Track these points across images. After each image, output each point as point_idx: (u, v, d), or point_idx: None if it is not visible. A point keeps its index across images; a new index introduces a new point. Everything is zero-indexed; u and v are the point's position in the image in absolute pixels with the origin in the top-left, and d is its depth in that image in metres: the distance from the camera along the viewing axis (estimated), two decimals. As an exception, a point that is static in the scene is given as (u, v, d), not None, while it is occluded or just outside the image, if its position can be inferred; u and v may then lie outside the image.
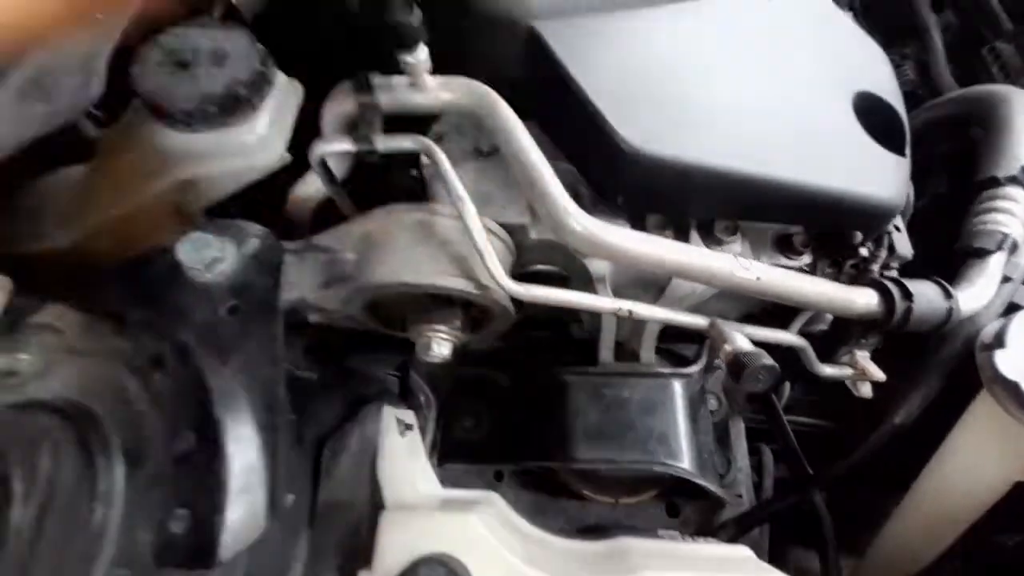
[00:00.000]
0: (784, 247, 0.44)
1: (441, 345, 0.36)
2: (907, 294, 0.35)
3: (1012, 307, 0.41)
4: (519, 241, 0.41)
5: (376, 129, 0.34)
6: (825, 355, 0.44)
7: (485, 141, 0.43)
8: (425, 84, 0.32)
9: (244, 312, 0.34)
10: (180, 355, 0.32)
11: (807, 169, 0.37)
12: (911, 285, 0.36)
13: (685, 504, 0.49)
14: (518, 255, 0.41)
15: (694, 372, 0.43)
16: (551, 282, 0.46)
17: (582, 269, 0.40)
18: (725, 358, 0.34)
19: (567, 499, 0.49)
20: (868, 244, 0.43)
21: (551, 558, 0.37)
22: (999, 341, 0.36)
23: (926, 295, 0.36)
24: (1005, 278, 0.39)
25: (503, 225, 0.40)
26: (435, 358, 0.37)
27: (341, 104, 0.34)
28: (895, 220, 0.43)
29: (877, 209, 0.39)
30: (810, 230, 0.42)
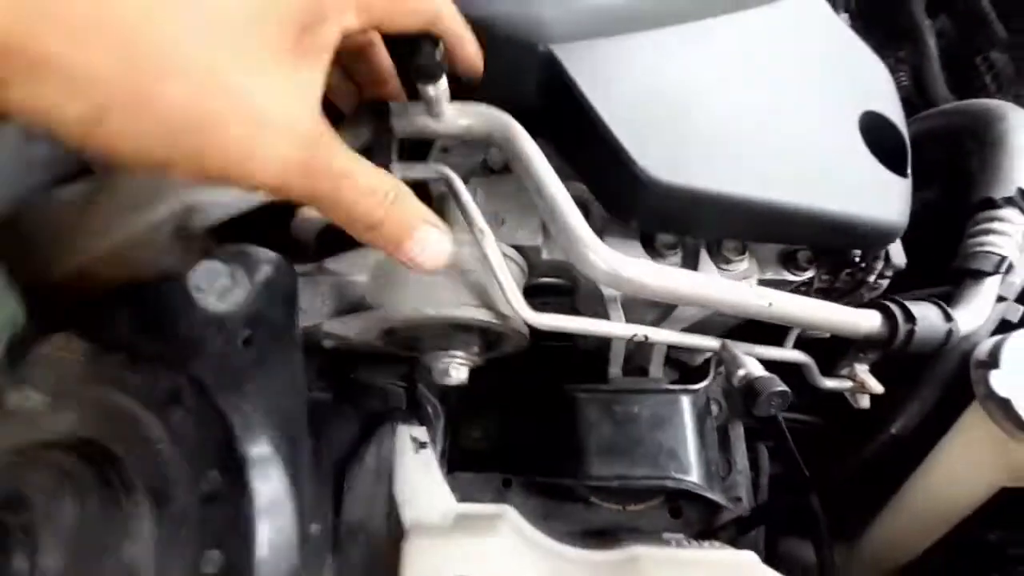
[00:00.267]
0: (789, 263, 0.45)
1: (459, 370, 0.37)
2: (910, 317, 0.37)
3: (1004, 323, 0.43)
4: (531, 261, 0.41)
5: (392, 155, 0.33)
6: (825, 368, 0.46)
7: (493, 156, 0.42)
8: (443, 112, 0.31)
9: (260, 342, 0.34)
10: (198, 390, 0.31)
11: (814, 194, 0.37)
12: (914, 308, 0.37)
13: (687, 506, 0.51)
14: (528, 272, 0.42)
15: (701, 388, 0.45)
16: (558, 292, 0.46)
17: (594, 289, 0.41)
18: (738, 383, 0.35)
19: (573, 503, 0.51)
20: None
21: (567, 571, 0.38)
22: (993, 361, 0.38)
23: (928, 318, 0.37)
24: (1000, 297, 0.41)
25: (516, 247, 0.40)
26: (453, 382, 0.37)
27: (357, 130, 0.33)
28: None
29: (881, 231, 0.40)
30: (815, 249, 0.43)
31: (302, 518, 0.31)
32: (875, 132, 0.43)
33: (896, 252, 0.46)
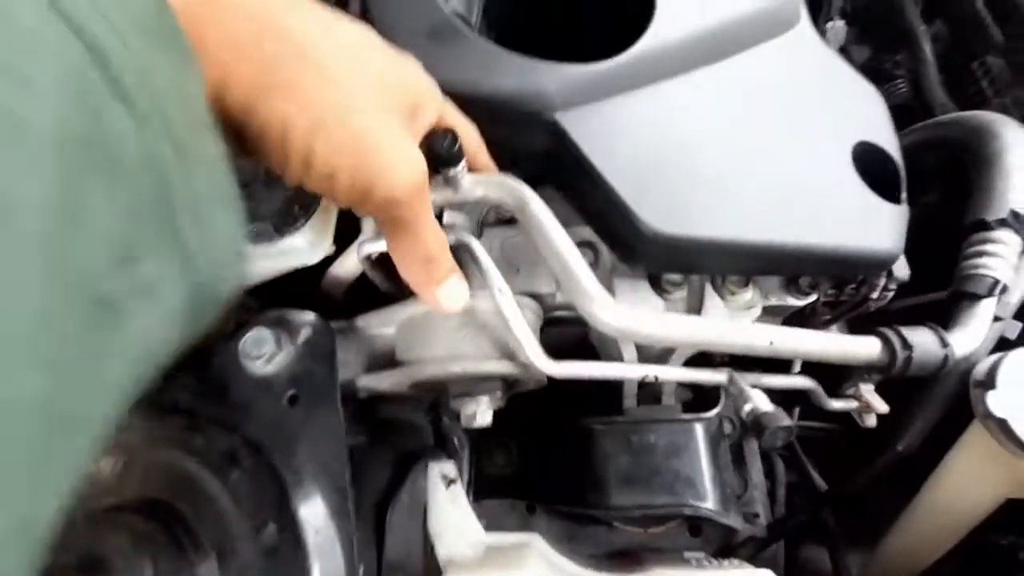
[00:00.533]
0: (792, 289, 0.47)
1: (484, 414, 0.40)
2: (907, 344, 0.39)
3: (1003, 340, 0.44)
4: (546, 304, 0.44)
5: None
6: (833, 386, 0.48)
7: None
8: (461, 184, 0.34)
9: (305, 400, 0.37)
10: (253, 451, 0.35)
11: (810, 230, 0.39)
12: (910, 335, 0.39)
13: (706, 525, 0.54)
14: (545, 312, 0.44)
15: (714, 415, 0.47)
16: (576, 321, 0.49)
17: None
18: (746, 417, 0.37)
19: (596, 526, 0.54)
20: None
21: (594, 598, 0.41)
22: (990, 381, 0.40)
23: (924, 344, 0.39)
24: (996, 317, 0.43)
25: (531, 294, 0.42)
26: (479, 425, 0.40)
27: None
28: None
29: (876, 260, 0.42)
30: (816, 277, 0.45)
31: (351, 562, 0.34)
32: (868, 161, 0.45)
33: (899, 266, 0.47)
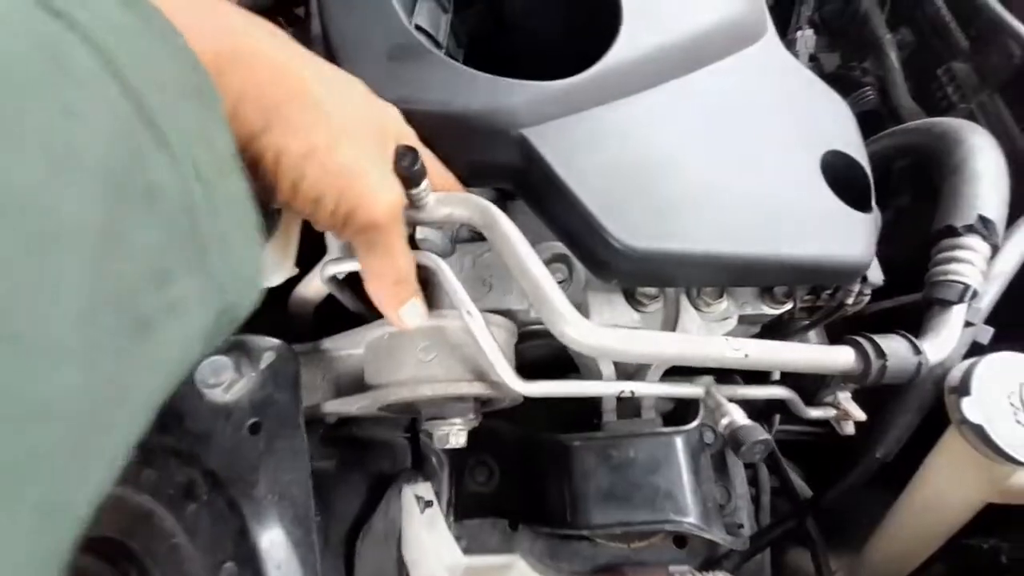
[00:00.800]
0: (767, 298, 0.47)
1: (458, 436, 0.38)
2: (881, 353, 0.39)
3: (976, 345, 0.45)
4: (519, 320, 0.43)
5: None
6: (809, 397, 0.48)
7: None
8: (426, 203, 0.33)
9: (267, 428, 0.35)
10: (211, 483, 0.33)
11: (781, 242, 0.39)
12: (884, 343, 0.39)
13: (691, 536, 0.53)
14: (519, 327, 0.43)
15: (694, 427, 0.46)
16: (549, 335, 0.48)
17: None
18: (723, 431, 0.37)
19: (579, 542, 0.53)
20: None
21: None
22: (965, 388, 0.40)
23: (898, 352, 0.39)
24: (967, 322, 0.43)
25: (504, 311, 0.41)
26: (453, 447, 0.39)
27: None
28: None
29: (847, 268, 0.42)
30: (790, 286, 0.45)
31: (317, 599, 0.33)
32: (838, 171, 0.45)
33: (873, 271, 0.48)
